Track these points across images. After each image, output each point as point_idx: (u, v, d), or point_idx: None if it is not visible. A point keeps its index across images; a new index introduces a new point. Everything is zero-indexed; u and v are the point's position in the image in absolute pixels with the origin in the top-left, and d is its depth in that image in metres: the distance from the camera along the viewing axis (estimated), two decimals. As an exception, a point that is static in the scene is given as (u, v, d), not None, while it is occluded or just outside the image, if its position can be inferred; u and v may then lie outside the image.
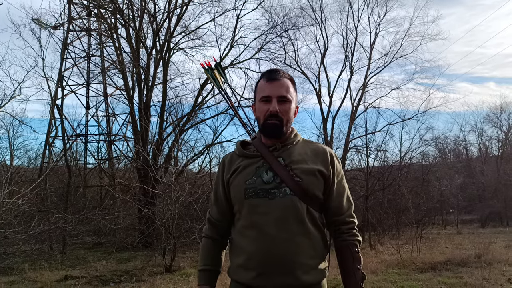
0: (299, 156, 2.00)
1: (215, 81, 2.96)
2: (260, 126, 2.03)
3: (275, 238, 1.86)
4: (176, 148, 14.99)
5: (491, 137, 33.46)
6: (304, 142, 2.11)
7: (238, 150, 2.09)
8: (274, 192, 1.91)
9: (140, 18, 14.92)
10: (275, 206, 1.89)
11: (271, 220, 1.87)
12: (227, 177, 2.05)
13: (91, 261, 10.51)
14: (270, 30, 16.58)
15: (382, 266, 8.86)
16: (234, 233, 2.04)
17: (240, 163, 2.03)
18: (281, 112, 1.95)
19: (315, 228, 1.96)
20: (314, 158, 2.01)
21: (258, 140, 2.07)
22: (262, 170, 1.97)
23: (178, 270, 9.01)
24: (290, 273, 1.86)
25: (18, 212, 10.02)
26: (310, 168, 1.97)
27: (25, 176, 14.69)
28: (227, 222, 2.11)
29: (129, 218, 13.90)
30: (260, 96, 2.00)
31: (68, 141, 18.02)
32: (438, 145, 26.57)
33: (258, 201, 1.91)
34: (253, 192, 1.93)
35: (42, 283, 7.67)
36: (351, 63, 20.09)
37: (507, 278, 7.39)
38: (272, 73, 2.02)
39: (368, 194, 14.11)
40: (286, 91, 1.98)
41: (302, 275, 1.87)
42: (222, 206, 2.10)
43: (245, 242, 1.94)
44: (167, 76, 15.10)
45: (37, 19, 16.16)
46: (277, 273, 1.86)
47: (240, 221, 1.99)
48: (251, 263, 1.90)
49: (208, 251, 2.15)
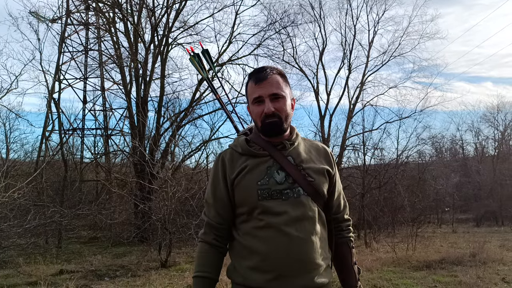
0: (306, 155, 1.96)
1: (202, 69, 2.80)
2: (259, 128, 1.94)
3: (293, 238, 1.81)
4: (173, 144, 15.00)
5: (487, 136, 33.50)
6: (303, 140, 2.07)
7: (242, 148, 1.96)
8: (287, 193, 1.86)
9: (139, 12, 14.88)
10: (289, 206, 1.84)
11: (287, 221, 1.82)
12: (231, 177, 1.92)
13: (86, 256, 10.51)
14: (268, 26, 16.60)
15: (378, 264, 8.88)
16: (240, 235, 1.92)
17: (246, 162, 1.92)
18: (277, 110, 1.88)
19: (323, 228, 1.95)
20: (319, 157, 2.00)
21: (258, 137, 1.98)
22: (273, 170, 1.89)
23: (173, 265, 9.02)
24: (307, 274, 1.83)
25: (13, 205, 9.99)
26: (320, 168, 1.95)
27: (21, 170, 14.61)
28: (228, 224, 1.97)
29: (125, 213, 13.90)
30: (252, 99, 1.92)
31: (65, 135, 17.99)
32: (435, 144, 26.53)
33: (272, 203, 1.84)
34: (267, 193, 1.85)
35: (37, 277, 7.64)
36: (349, 61, 20.13)
37: (501, 277, 7.42)
38: (259, 73, 1.93)
39: (364, 192, 14.14)
40: (277, 88, 1.90)
41: (318, 277, 1.85)
42: (224, 207, 1.95)
43: (257, 243, 1.83)
44: (165, 71, 15.10)
45: (35, 12, 16.10)
46: (295, 275, 1.81)
47: (250, 223, 1.88)
48: (266, 264, 1.81)
49: (206, 257, 1.95)
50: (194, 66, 2.75)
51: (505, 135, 33.17)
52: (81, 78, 18.34)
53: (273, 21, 16.81)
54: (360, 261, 9.13)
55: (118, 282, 7.61)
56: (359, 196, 14.05)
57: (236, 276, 1.90)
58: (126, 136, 17.29)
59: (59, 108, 17.15)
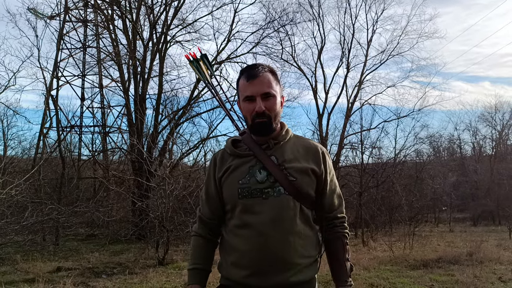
0: (291, 155, 1.98)
1: (201, 73, 2.89)
2: (249, 126, 2.00)
3: (269, 237, 1.85)
4: (171, 141, 14.99)
5: (485, 136, 33.60)
6: (295, 138, 2.09)
7: (229, 149, 2.05)
8: (268, 192, 1.90)
9: (137, 10, 14.86)
10: (269, 205, 1.88)
11: (265, 220, 1.85)
12: (218, 176, 2.02)
13: (84, 253, 10.50)
14: (267, 25, 16.61)
15: (375, 263, 8.90)
16: (226, 232, 2.02)
17: (232, 162, 2.00)
18: (267, 109, 1.92)
19: (308, 227, 1.96)
20: (306, 156, 2.00)
21: (248, 137, 2.04)
22: (255, 169, 1.94)
23: (171, 263, 9.02)
24: (282, 273, 1.86)
25: (11, 202, 9.98)
26: (303, 167, 1.96)
27: (18, 167, 14.59)
28: (219, 220, 2.09)
29: (123, 210, 13.90)
30: (243, 96, 1.96)
31: (63, 132, 17.92)
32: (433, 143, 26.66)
33: (252, 201, 1.90)
34: (247, 191, 1.91)
35: (34, 274, 7.63)
36: (348, 60, 20.15)
37: (498, 277, 7.44)
38: (251, 70, 1.97)
39: (362, 190, 14.15)
40: (269, 87, 1.94)
41: (294, 275, 1.88)
42: (214, 205, 2.06)
43: (238, 241, 1.91)
44: (163, 69, 15.08)
45: (33, 8, 16.03)
46: (270, 272, 1.85)
47: (232, 221, 1.97)
48: (244, 261, 1.89)
49: (199, 250, 2.10)
50: (194, 70, 2.82)
51: (502, 134, 33.27)
52: (79, 75, 18.28)
53: (271, 19, 16.85)
54: (357, 260, 9.17)
55: (115, 280, 7.60)
56: (357, 195, 14.06)
57: (222, 270, 2.03)
58: (124, 133, 17.28)
59: (57, 105, 17.12)
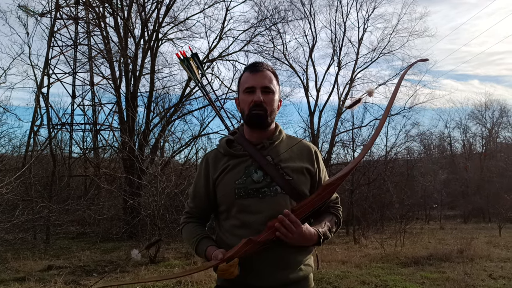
0: (286, 154, 2.00)
1: (191, 72, 2.91)
2: (245, 117, 2.01)
3: None
4: (163, 139, 14.94)
5: (475, 134, 33.87)
6: (288, 138, 2.11)
7: (224, 149, 2.04)
8: (265, 191, 1.91)
9: (129, 7, 14.79)
10: (266, 205, 1.89)
11: (263, 219, 1.85)
12: (214, 177, 2.01)
13: (75, 251, 10.46)
14: (259, 23, 16.61)
15: (366, 260, 8.95)
16: (222, 231, 2.01)
17: (227, 163, 2.00)
18: (265, 102, 1.95)
19: None
20: (300, 156, 2.02)
21: (241, 137, 2.05)
22: (251, 169, 1.95)
23: (162, 261, 9.00)
24: (280, 271, 1.88)
25: (1, 201, 9.90)
26: (299, 166, 1.98)
27: (9, 165, 14.47)
28: (205, 214, 2.12)
29: (114, 208, 13.84)
30: (244, 88, 2.00)
31: (53, 130, 17.83)
32: (423, 140, 26.79)
33: (249, 201, 1.91)
34: (244, 192, 1.91)
35: (25, 273, 7.59)
36: (339, 58, 20.25)
37: (488, 274, 7.50)
38: (256, 65, 2.03)
39: (353, 188, 14.21)
40: (269, 82, 1.99)
41: (290, 273, 1.90)
42: (200, 204, 2.08)
43: (235, 240, 1.88)
44: (154, 67, 15.01)
45: (24, 5, 15.89)
46: (268, 271, 1.87)
47: (229, 221, 1.97)
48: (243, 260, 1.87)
49: (195, 228, 2.07)
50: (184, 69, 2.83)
51: (492, 132, 33.53)
52: (70, 72, 18.16)
53: (263, 18, 16.85)
54: (348, 257, 9.21)
55: (106, 278, 7.58)
56: (348, 193, 14.10)
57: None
58: (115, 131, 17.22)
59: (48, 102, 17.03)
